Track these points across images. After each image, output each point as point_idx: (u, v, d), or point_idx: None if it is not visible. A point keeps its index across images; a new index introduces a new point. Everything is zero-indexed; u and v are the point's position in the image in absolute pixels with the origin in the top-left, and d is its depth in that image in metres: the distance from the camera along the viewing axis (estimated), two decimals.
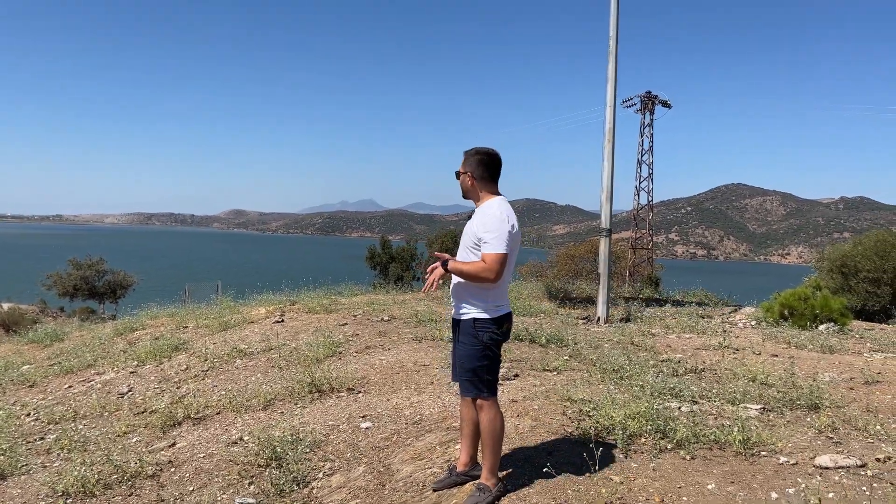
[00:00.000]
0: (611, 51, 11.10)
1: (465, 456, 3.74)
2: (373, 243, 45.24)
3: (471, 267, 3.37)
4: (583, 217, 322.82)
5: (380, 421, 5.01)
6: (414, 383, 5.99)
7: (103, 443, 5.39)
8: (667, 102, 46.46)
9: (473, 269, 3.36)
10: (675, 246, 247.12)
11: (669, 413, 4.63)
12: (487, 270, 3.32)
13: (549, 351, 7.35)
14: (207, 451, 4.89)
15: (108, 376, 7.94)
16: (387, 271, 36.78)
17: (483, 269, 3.33)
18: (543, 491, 3.49)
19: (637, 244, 46.97)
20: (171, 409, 5.94)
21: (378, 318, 9.66)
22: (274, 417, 5.45)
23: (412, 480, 3.92)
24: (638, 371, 6.04)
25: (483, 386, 3.46)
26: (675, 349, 7.97)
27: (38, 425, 6.33)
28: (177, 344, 8.87)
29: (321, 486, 4.12)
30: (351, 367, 6.73)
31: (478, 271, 3.34)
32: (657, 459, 3.91)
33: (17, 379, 8.52)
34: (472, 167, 3.56)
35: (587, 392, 5.31)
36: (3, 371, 9.04)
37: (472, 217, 3.57)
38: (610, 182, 11.12)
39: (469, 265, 3.38)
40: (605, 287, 10.71)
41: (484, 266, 3.33)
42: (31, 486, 4.61)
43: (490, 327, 3.46)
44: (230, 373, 7.20)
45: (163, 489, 4.35)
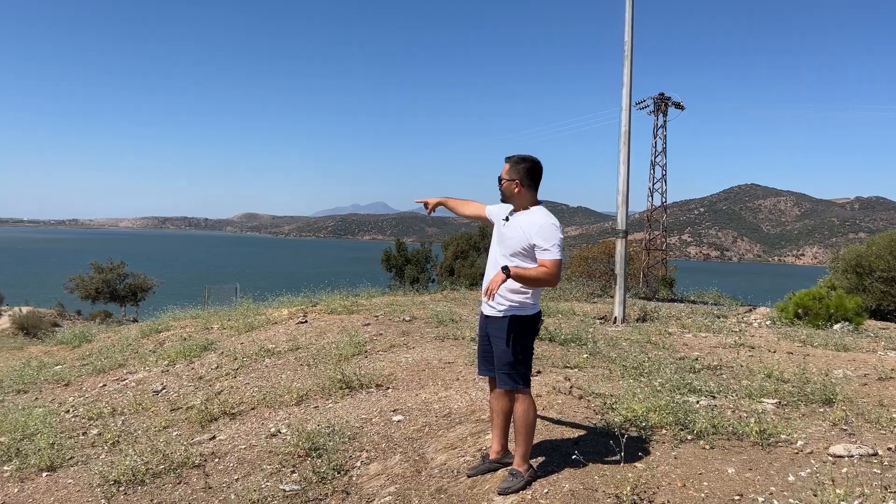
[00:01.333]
0: (626, 55, 11.29)
1: (496, 445, 3.97)
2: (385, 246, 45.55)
3: (534, 272, 3.58)
4: (595, 219, 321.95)
5: (410, 414, 5.25)
6: (440, 379, 6.23)
7: (145, 436, 5.65)
8: (680, 104, 46.48)
9: (536, 274, 3.57)
10: (688, 247, 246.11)
11: (689, 407, 4.83)
12: (550, 275, 3.56)
13: (569, 349, 7.56)
14: (248, 442, 5.14)
15: (141, 375, 8.21)
16: (402, 273, 37.05)
17: (545, 274, 3.56)
18: (572, 476, 3.71)
19: (651, 245, 46.98)
20: (207, 405, 6.19)
21: (399, 319, 9.90)
22: (308, 411, 5.71)
23: (447, 468, 4.16)
24: (657, 368, 6.25)
25: (520, 378, 3.70)
26: (691, 347, 8.15)
27: (78, 421, 6.58)
28: (205, 344, 9.14)
29: (360, 473, 4.37)
30: (378, 364, 6.98)
31: (540, 276, 3.56)
32: (678, 449, 4.13)
33: (51, 378, 8.82)
34: (520, 175, 3.74)
35: (608, 387, 5.53)
36: (38, 371, 9.35)
37: (512, 222, 3.76)
38: (626, 185, 11.30)
39: (532, 271, 3.58)
40: (622, 287, 10.90)
41: (546, 271, 3.56)
42: (82, 476, 4.88)
43: (528, 324, 3.71)
44: (260, 371, 7.46)
45: (209, 478, 4.60)
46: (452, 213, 4.41)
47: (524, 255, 3.66)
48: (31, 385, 8.46)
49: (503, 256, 3.75)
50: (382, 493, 4.02)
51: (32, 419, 6.23)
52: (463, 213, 4.32)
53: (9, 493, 4.77)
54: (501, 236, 3.81)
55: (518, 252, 3.68)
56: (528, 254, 3.66)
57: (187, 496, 4.36)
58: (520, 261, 3.65)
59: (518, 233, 3.70)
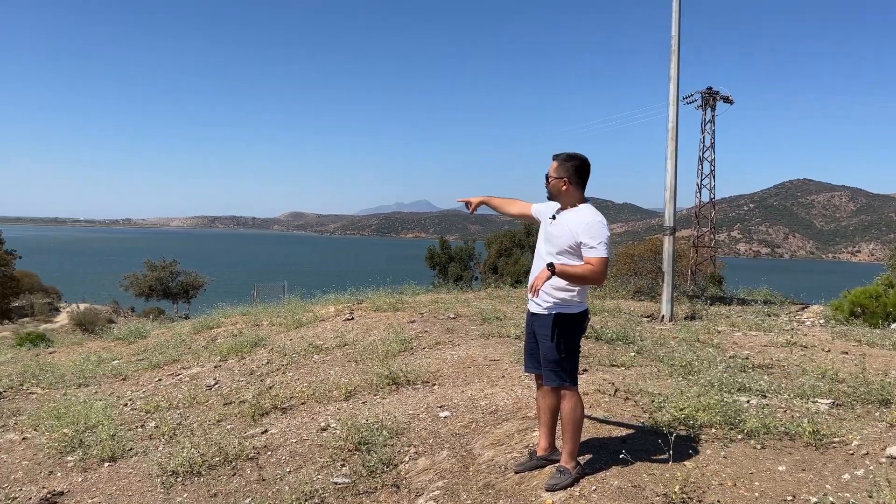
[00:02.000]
0: (673, 49, 11.14)
1: (544, 442, 4.00)
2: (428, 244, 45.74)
3: (579, 270, 3.58)
4: (641, 215, 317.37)
5: (457, 410, 5.30)
6: (486, 376, 6.27)
7: (200, 429, 5.83)
8: (729, 98, 45.46)
9: (582, 272, 3.58)
10: (737, 244, 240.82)
11: (739, 406, 4.77)
12: (596, 273, 3.56)
13: (616, 348, 7.51)
14: (299, 436, 5.27)
15: (194, 370, 8.45)
16: (446, 271, 37.18)
17: (592, 271, 3.56)
18: (620, 474, 3.71)
19: (699, 242, 46.12)
20: (258, 400, 6.34)
21: (444, 316, 9.96)
22: (356, 407, 5.81)
23: (494, 463, 4.20)
24: (706, 366, 6.17)
25: (566, 376, 3.71)
26: (741, 346, 8.02)
27: (135, 414, 6.82)
28: (255, 340, 9.35)
29: (408, 468, 4.44)
30: (424, 361, 7.05)
31: (586, 273, 3.57)
32: (728, 448, 4.08)
33: (109, 373, 9.13)
34: (569, 173, 3.75)
35: (656, 386, 5.49)
36: (97, 365, 9.69)
37: (559, 220, 3.78)
38: (673, 181, 11.15)
39: (578, 268, 3.59)
40: (670, 285, 10.77)
41: (592, 269, 3.56)
42: (142, 467, 5.07)
43: (573, 322, 3.72)
44: (309, 367, 7.61)
45: (262, 470, 4.73)
46: (496, 212, 4.44)
47: (571, 252, 3.67)
48: (91, 379, 8.78)
49: (549, 254, 3.76)
50: (431, 488, 4.08)
51: (94, 412, 6.48)
52: (508, 211, 4.34)
53: (73, 481, 4.99)
54: (548, 234, 3.82)
55: (565, 250, 3.69)
56: (574, 252, 3.67)
57: (242, 487, 4.50)
58: (567, 259, 3.66)
59: (565, 231, 3.71)
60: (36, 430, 6.31)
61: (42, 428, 6.26)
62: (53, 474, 5.17)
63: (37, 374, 9.24)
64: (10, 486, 5.02)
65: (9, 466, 5.44)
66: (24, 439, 6.12)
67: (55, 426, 6.11)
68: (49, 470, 5.26)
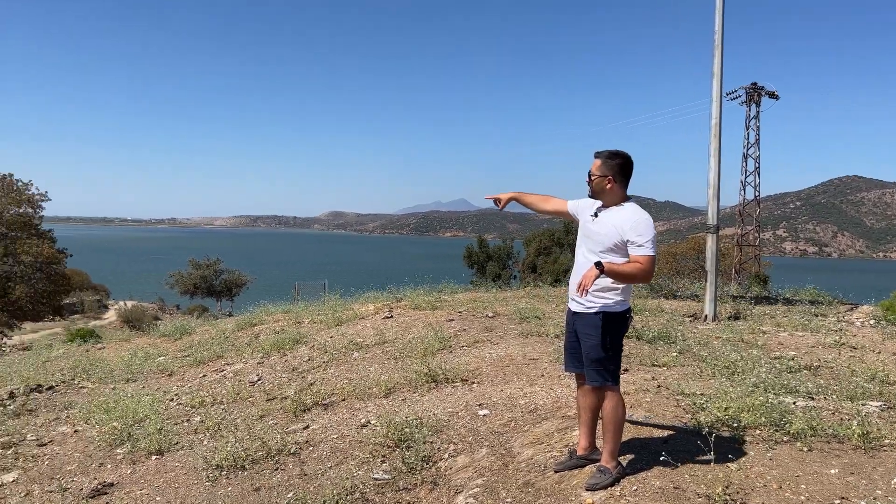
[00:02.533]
0: (716, 45, 10.93)
1: (584, 441, 3.98)
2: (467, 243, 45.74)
3: (627, 268, 3.55)
4: (683, 213, 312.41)
5: (496, 409, 5.30)
6: (525, 375, 6.26)
7: (244, 424, 5.94)
8: (774, 93, 44.44)
9: (631, 270, 3.55)
10: (783, 243, 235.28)
11: (784, 407, 4.67)
12: (644, 271, 3.54)
13: (657, 347, 7.42)
14: (340, 432, 5.33)
15: (238, 366, 8.61)
16: (484, 270, 37.14)
17: (640, 269, 3.54)
18: (661, 475, 3.67)
19: (743, 241, 45.21)
20: (300, 396, 6.44)
21: (482, 315, 9.96)
22: (396, 404, 5.86)
23: (533, 462, 4.19)
24: (750, 367, 6.06)
25: (609, 375, 3.68)
26: (787, 347, 7.84)
27: (181, 409, 6.98)
28: (297, 337, 9.48)
29: (448, 465, 4.46)
30: (462, 359, 7.06)
31: (634, 272, 3.54)
32: (773, 450, 4.01)
33: (156, 368, 9.37)
34: (614, 171, 3.71)
35: (699, 386, 5.41)
36: (144, 361, 9.95)
37: (602, 218, 3.74)
38: (717, 179, 10.95)
39: (626, 266, 3.56)
40: (713, 284, 10.58)
41: (640, 267, 3.53)
42: (188, 460, 5.19)
43: (617, 321, 3.69)
44: (349, 364, 7.69)
45: (304, 465, 4.81)
46: (529, 209, 4.38)
47: (615, 251, 3.64)
48: (138, 374, 9.02)
49: (592, 253, 3.72)
50: (470, 485, 4.09)
51: (141, 406, 6.65)
52: (542, 208, 4.26)
53: (122, 473, 5.13)
54: (590, 232, 3.79)
55: (609, 248, 3.66)
56: (619, 250, 3.64)
57: (285, 482, 4.57)
58: (611, 257, 3.62)
59: (609, 229, 3.67)
60: (87, 423, 6.52)
61: (92, 421, 6.46)
62: (104, 466, 5.33)
63: (87, 369, 9.53)
64: (63, 476, 5.20)
65: (62, 458, 5.63)
66: (75, 432, 6.32)
67: (105, 419, 6.30)
68: (100, 462, 5.43)
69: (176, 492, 4.66)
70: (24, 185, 29.06)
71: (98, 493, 4.77)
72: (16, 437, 6.26)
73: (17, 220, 28.44)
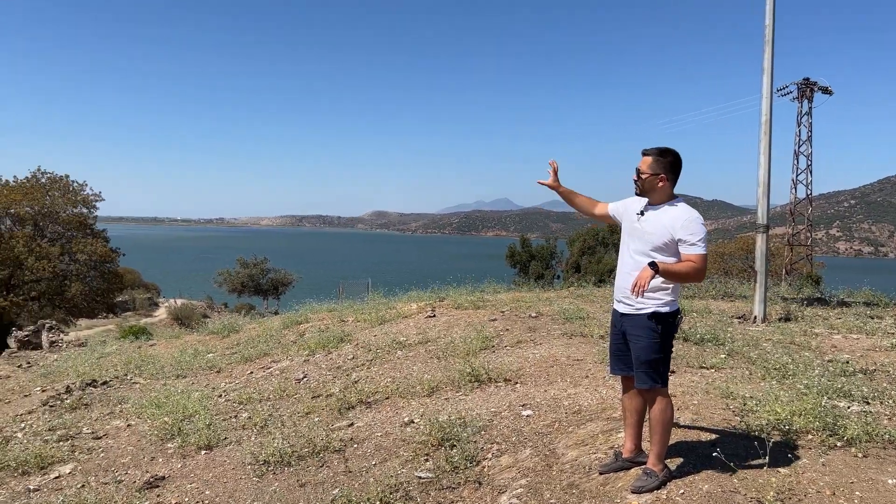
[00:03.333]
0: (766, 39, 10.68)
1: (629, 443, 3.92)
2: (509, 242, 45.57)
3: (681, 267, 3.50)
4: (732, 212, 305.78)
5: (540, 409, 5.27)
6: (569, 376, 6.20)
7: (290, 421, 6.03)
8: (828, 89, 43.15)
9: (684, 270, 3.50)
10: (836, 242, 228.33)
11: (838, 412, 4.54)
12: (698, 271, 3.49)
13: (705, 349, 7.28)
14: (384, 430, 5.37)
15: (284, 364, 8.74)
16: (527, 270, 36.96)
17: (694, 269, 3.49)
18: (709, 479, 3.60)
19: (794, 241, 44.04)
20: (345, 394, 6.52)
21: (525, 315, 9.91)
22: (439, 403, 5.87)
23: (578, 464, 4.15)
24: (802, 369, 5.90)
25: (659, 377, 3.62)
26: (841, 349, 7.61)
27: (229, 405, 7.12)
28: (341, 336, 9.59)
29: (491, 464, 4.45)
30: (506, 359, 7.04)
31: (688, 271, 3.49)
32: (826, 455, 3.89)
33: (205, 365, 9.58)
34: (665, 169, 3.65)
35: (748, 389, 5.29)
36: (193, 358, 10.18)
37: (651, 217, 3.68)
38: (766, 177, 10.69)
39: (680, 266, 3.51)
40: (762, 285, 10.33)
41: (694, 266, 3.49)
42: (236, 455, 5.30)
43: (668, 321, 3.63)
44: (393, 362, 7.74)
45: (349, 462, 4.86)
46: (574, 209, 4.33)
47: (664, 250, 3.58)
48: (188, 371, 9.23)
49: (638, 252, 3.67)
50: (514, 486, 4.07)
51: (191, 402, 6.82)
52: (590, 211, 4.19)
53: (173, 467, 5.26)
54: (636, 231, 3.73)
55: (658, 247, 3.60)
56: (668, 249, 3.58)
57: (330, 479, 4.63)
58: (660, 256, 3.57)
59: (659, 228, 3.61)
60: (139, 417, 6.71)
61: (144, 416, 6.65)
62: (155, 460, 5.48)
63: (139, 366, 9.80)
64: (117, 469, 5.36)
65: (115, 451, 5.81)
66: (128, 426, 6.51)
67: (156, 414, 6.47)
68: (151, 456, 5.58)
69: (224, 486, 4.76)
70: (79, 185, 30.01)
71: (150, 486, 4.90)
72: (72, 430, 6.48)
73: (72, 220, 29.39)
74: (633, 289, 3.46)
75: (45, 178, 29.41)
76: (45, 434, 6.33)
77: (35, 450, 5.67)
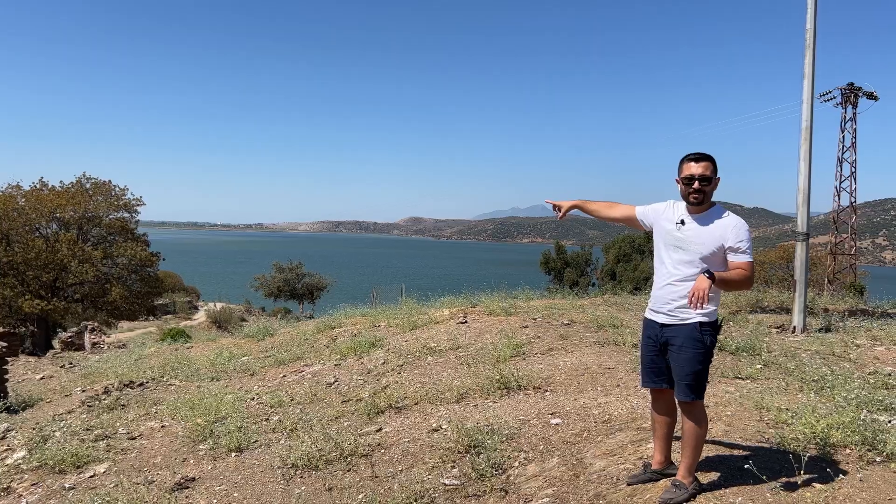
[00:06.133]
0: (808, 44, 10.46)
1: (659, 455, 3.85)
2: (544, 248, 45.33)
3: (734, 275, 3.45)
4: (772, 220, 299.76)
5: (569, 418, 5.21)
6: (600, 385, 6.13)
7: (319, 425, 6.07)
8: (873, 94, 42.05)
9: (737, 277, 3.44)
10: (882, 251, 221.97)
11: (878, 426, 4.39)
12: (748, 278, 3.46)
13: (741, 359, 7.13)
14: (411, 436, 5.37)
15: (316, 368, 8.81)
16: (561, 276, 36.72)
17: (745, 276, 3.44)
18: (741, 493, 3.51)
19: (837, 250, 42.94)
20: (374, 399, 6.53)
21: (558, 322, 9.82)
22: (467, 409, 5.84)
23: (606, 474, 4.09)
24: (841, 381, 5.73)
25: (698, 388, 3.55)
26: (884, 362, 7.38)
27: (261, 408, 7.19)
28: (373, 341, 9.63)
29: (518, 473, 4.41)
30: (536, 367, 6.99)
31: (741, 279, 3.45)
32: (864, 471, 3.76)
33: (239, 368, 9.71)
34: (716, 173, 3.60)
35: (784, 401, 5.15)
36: (228, 361, 10.33)
37: (695, 225, 3.60)
38: (807, 184, 10.46)
39: (733, 273, 3.45)
40: (802, 295, 10.09)
41: (745, 274, 3.44)
42: (265, 458, 5.34)
43: (712, 331, 3.56)
44: (423, 368, 7.73)
45: (375, 467, 4.86)
46: (592, 216, 4.24)
47: (710, 258, 3.51)
48: (222, 373, 9.37)
49: (685, 263, 3.57)
50: (540, 495, 4.03)
51: (223, 405, 6.91)
52: (609, 215, 4.11)
53: (203, 469, 5.33)
54: (678, 240, 3.62)
55: (706, 256, 3.52)
56: (715, 257, 3.51)
57: (356, 483, 4.64)
58: (707, 265, 3.50)
59: (707, 237, 3.53)
60: (173, 419, 6.81)
61: (178, 417, 6.75)
62: (187, 461, 5.55)
63: (175, 368, 9.98)
64: (149, 469, 5.44)
65: (149, 452, 5.91)
66: (163, 427, 6.62)
67: (189, 416, 6.57)
68: (183, 457, 5.66)
69: (252, 489, 4.80)
70: (121, 190, 30.72)
71: (181, 486, 4.97)
72: (108, 430, 6.61)
73: (114, 224, 30.10)
74: (692, 300, 3.38)
75: (90, 183, 30.18)
76: (82, 434, 6.47)
77: (72, 449, 5.80)
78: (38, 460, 5.68)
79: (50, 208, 27.88)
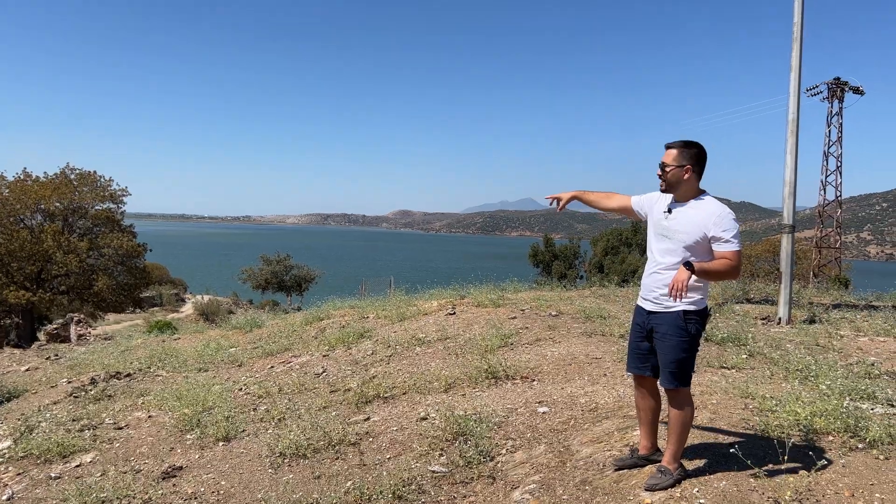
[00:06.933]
0: (795, 37, 10.51)
1: (645, 441, 3.89)
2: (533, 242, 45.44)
3: (717, 265, 3.43)
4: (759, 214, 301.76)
5: (556, 407, 5.24)
6: (587, 374, 6.16)
7: (307, 414, 6.07)
8: (859, 89, 42.40)
9: (720, 267, 3.42)
10: (867, 246, 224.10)
11: (861, 413, 4.45)
12: (733, 268, 3.42)
13: (726, 349, 7.19)
14: (399, 425, 5.38)
15: (304, 359, 8.80)
16: (550, 269, 36.80)
17: (729, 266, 3.42)
18: (725, 478, 3.55)
19: (822, 243, 43.32)
20: (362, 389, 6.54)
21: (546, 313, 9.86)
22: (455, 399, 5.86)
23: (592, 460, 4.13)
24: (825, 371, 5.80)
25: (683, 376, 3.57)
26: (867, 352, 7.46)
27: (249, 398, 7.18)
28: (361, 332, 9.63)
29: (505, 460, 4.44)
30: (523, 357, 7.02)
31: (724, 269, 3.42)
32: (847, 457, 3.82)
33: (227, 359, 9.68)
34: (691, 160, 3.56)
35: (769, 389, 5.21)
36: (216, 352, 10.29)
37: (678, 213, 3.60)
38: (793, 177, 10.53)
39: (716, 264, 3.44)
40: (788, 286, 10.17)
41: (729, 263, 3.42)
42: (253, 447, 5.34)
43: (698, 319, 3.57)
44: (411, 358, 7.75)
45: (363, 455, 4.87)
46: (591, 207, 4.26)
47: (695, 248, 3.51)
48: (210, 364, 9.34)
49: (669, 252, 3.59)
50: (527, 481, 4.06)
51: (211, 395, 6.89)
52: (606, 206, 4.13)
53: (191, 458, 5.32)
54: (664, 229, 3.64)
55: (689, 245, 3.52)
56: (699, 247, 3.51)
57: (344, 471, 4.65)
58: (691, 254, 3.51)
59: (690, 226, 3.53)
60: (160, 409, 6.79)
61: (165, 408, 6.73)
62: (174, 450, 5.54)
63: (162, 359, 9.93)
64: (136, 459, 5.43)
65: (136, 441, 5.89)
66: (149, 417, 6.60)
67: (177, 407, 6.55)
68: (170, 446, 5.65)
69: (240, 477, 4.80)
70: (106, 181, 30.49)
71: (168, 475, 4.96)
72: (95, 420, 6.58)
73: (100, 215, 29.88)
74: (672, 291, 3.39)
75: (74, 174, 29.91)
76: (68, 424, 6.43)
77: (58, 438, 5.77)
78: (24, 450, 5.65)
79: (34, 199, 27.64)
